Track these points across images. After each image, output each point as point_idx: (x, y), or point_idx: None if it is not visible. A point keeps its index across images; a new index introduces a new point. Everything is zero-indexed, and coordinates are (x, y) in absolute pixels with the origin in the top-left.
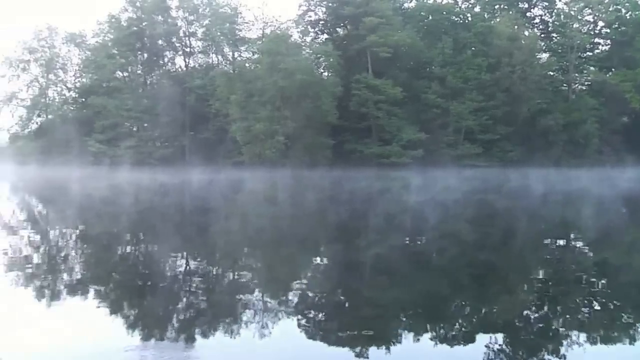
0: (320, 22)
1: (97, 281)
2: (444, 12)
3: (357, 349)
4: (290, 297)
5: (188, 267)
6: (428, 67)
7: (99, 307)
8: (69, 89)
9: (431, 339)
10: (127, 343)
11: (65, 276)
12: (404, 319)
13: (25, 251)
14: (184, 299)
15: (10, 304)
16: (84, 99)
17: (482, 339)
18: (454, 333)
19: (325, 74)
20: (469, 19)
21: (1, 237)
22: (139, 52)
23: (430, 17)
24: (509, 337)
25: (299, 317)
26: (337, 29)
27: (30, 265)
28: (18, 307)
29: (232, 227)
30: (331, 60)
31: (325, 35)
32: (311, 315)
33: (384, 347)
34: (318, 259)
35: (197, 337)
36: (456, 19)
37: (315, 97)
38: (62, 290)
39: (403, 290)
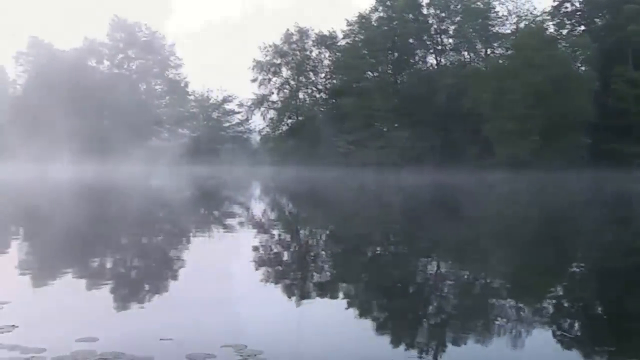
0: (577, 14)
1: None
2: None
3: None
4: (544, 305)
5: (439, 270)
6: None
7: (348, 308)
8: (319, 91)
9: None
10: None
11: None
12: None
13: (283, 249)
14: (434, 304)
15: (258, 300)
16: (334, 100)
17: None
18: None
19: (582, 68)
20: None
21: (258, 234)
22: (389, 52)
23: None
24: None
25: (554, 326)
26: (595, 19)
27: (280, 263)
28: (266, 303)
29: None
30: (588, 53)
31: (582, 27)
32: (566, 326)
33: None
34: (576, 265)
35: (448, 343)
36: None
37: (570, 93)
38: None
39: None
